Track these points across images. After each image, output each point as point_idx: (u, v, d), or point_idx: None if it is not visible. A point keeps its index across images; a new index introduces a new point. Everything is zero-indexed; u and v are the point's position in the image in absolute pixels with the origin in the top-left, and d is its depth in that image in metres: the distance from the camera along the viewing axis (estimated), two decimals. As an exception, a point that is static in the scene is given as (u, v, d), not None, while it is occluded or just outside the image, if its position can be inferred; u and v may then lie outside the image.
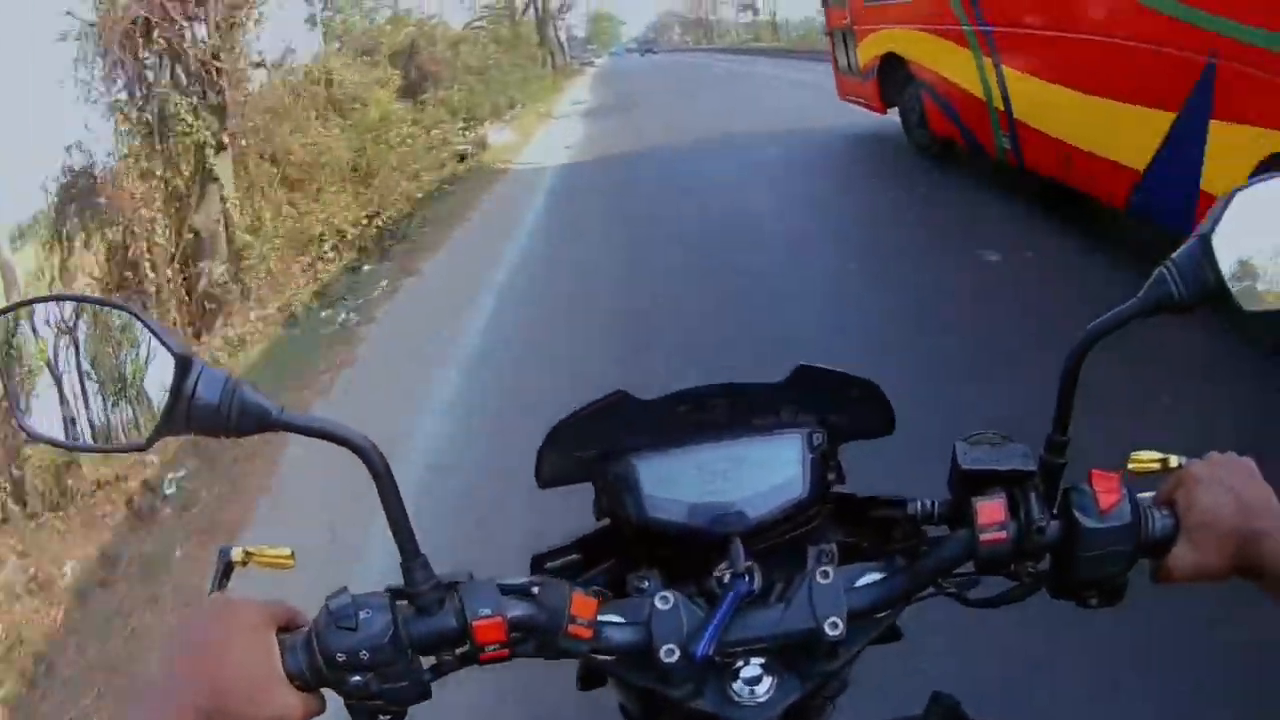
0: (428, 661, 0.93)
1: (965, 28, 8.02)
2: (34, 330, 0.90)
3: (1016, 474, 0.97)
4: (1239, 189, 0.95)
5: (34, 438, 0.90)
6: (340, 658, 0.87)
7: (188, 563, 4.63)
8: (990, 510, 0.95)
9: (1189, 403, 4.14)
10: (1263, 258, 0.94)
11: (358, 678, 0.88)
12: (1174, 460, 1.00)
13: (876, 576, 1.00)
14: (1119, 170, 5.86)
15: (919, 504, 1.06)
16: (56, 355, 0.89)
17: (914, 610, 1.04)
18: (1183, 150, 5.08)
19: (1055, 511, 0.97)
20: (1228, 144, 4.69)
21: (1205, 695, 2.68)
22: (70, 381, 0.89)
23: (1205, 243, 0.92)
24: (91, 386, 0.89)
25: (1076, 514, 0.94)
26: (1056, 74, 6.60)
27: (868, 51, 10.74)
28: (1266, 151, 4.25)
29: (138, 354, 0.88)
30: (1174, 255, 0.94)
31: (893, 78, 10.14)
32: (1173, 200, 5.23)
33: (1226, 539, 0.92)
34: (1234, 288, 0.93)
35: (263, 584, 0.90)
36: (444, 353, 6.99)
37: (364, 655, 0.87)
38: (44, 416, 0.90)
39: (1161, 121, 5.26)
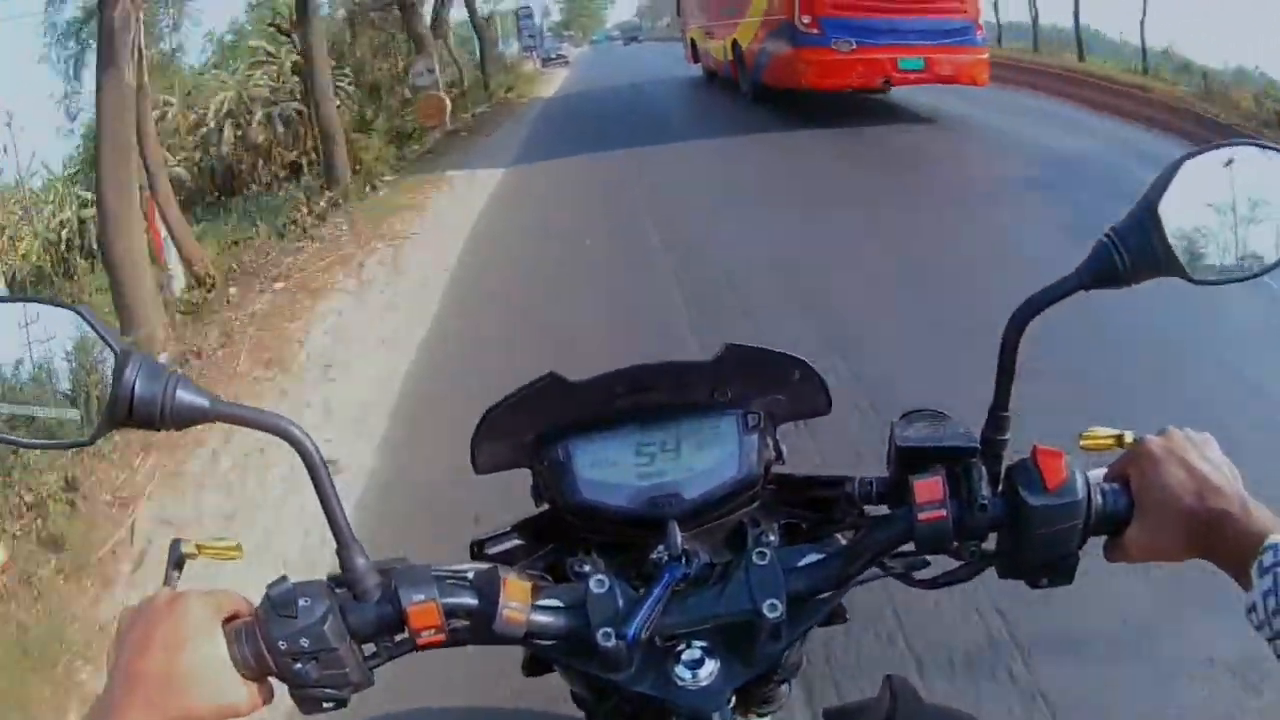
0: (369, 648, 0.94)
1: (703, 25, 18.61)
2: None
3: (956, 450, 0.97)
4: (1185, 157, 0.92)
5: None
6: (282, 645, 0.87)
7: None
8: (928, 488, 0.94)
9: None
10: (1210, 226, 0.93)
11: (300, 665, 0.88)
12: (1128, 436, 0.99)
13: (817, 557, 1.00)
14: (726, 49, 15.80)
15: (857, 483, 1.06)
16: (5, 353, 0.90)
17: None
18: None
19: (999, 489, 0.96)
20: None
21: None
22: (14, 377, 0.90)
23: (1151, 212, 0.91)
24: (36, 382, 0.91)
25: (1021, 491, 0.92)
26: (719, 30, 16.64)
27: (689, 38, 20.49)
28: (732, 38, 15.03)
29: (78, 352, 0.89)
30: (1117, 225, 0.92)
31: (695, 49, 19.81)
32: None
33: (1184, 519, 0.90)
34: (1181, 258, 0.91)
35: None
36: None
37: (304, 643, 0.88)
38: None
39: (728, 43, 15.67)
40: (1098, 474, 0.96)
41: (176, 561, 0.98)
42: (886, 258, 6.85)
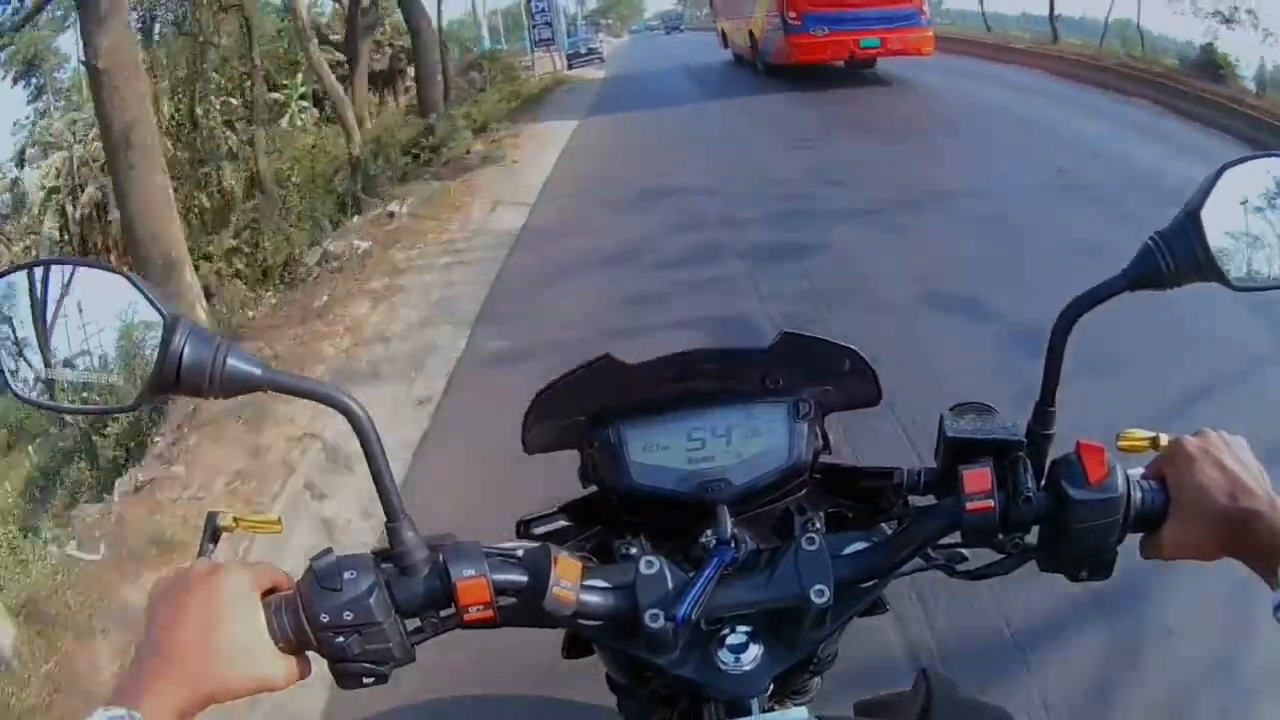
0: (412, 624, 0.93)
1: (730, 19, 21.80)
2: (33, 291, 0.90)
3: (1003, 444, 0.97)
4: (1227, 165, 0.94)
5: (22, 400, 0.89)
6: (324, 619, 0.87)
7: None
8: (976, 479, 0.94)
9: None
10: (1251, 233, 0.94)
11: (341, 639, 0.88)
12: (1163, 438, 0.99)
13: (863, 545, 0.99)
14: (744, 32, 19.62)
15: (905, 473, 1.06)
16: (45, 315, 0.89)
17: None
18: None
19: (1043, 483, 0.96)
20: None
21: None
22: (60, 343, 0.88)
23: (1194, 218, 0.91)
24: (81, 348, 0.89)
25: (1064, 485, 0.93)
26: (738, 19, 20.37)
27: (719, 26, 23.97)
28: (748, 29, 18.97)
29: (127, 316, 0.88)
30: (1163, 229, 0.93)
31: (725, 38, 23.03)
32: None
33: (1218, 518, 0.91)
34: (1223, 263, 0.92)
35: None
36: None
37: (348, 616, 0.87)
38: (36, 377, 0.90)
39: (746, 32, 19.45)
40: (1136, 472, 0.96)
41: (212, 534, 0.98)
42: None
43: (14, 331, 0.89)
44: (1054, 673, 2.65)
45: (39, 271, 0.90)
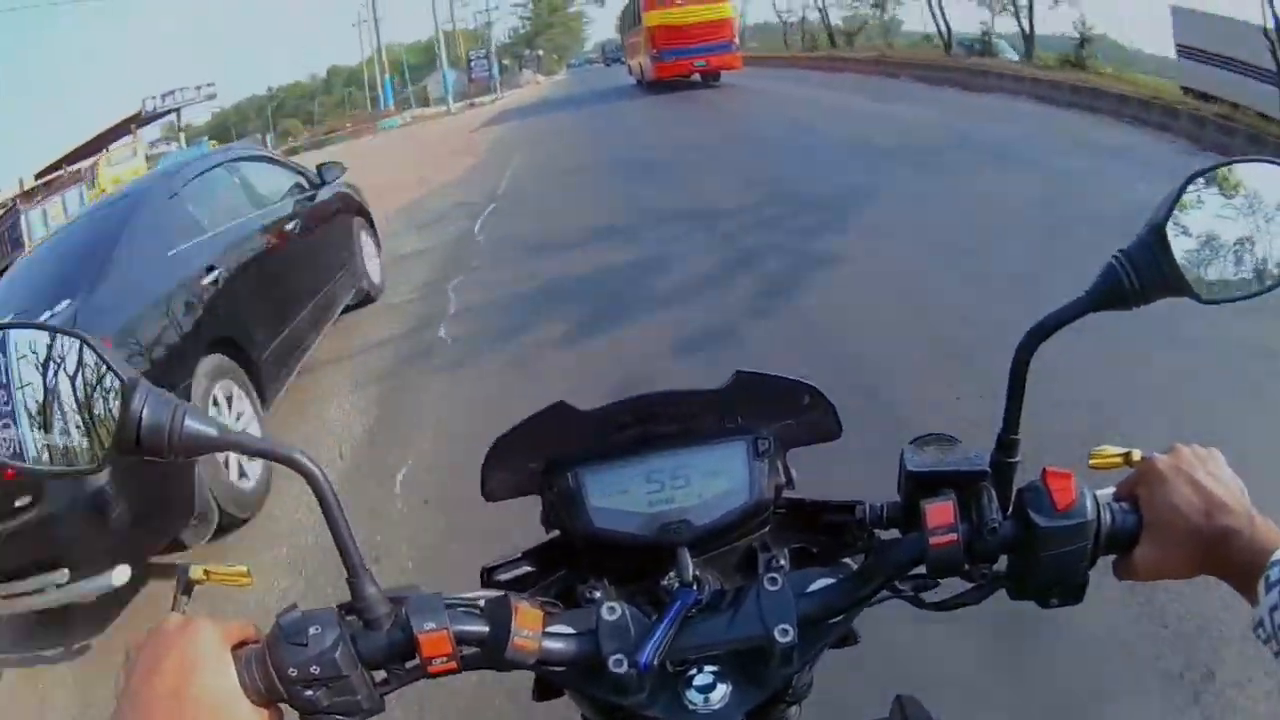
0: (380, 675, 0.94)
1: (631, 54, 34.32)
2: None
3: (966, 475, 0.97)
4: (1192, 176, 0.93)
5: None
6: (293, 673, 0.88)
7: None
8: (939, 512, 0.93)
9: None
10: (1217, 245, 0.93)
11: (310, 693, 0.89)
12: (1136, 454, 0.99)
13: (828, 581, 0.99)
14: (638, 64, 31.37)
15: (868, 508, 1.06)
16: (8, 379, 0.89)
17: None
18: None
19: (1010, 512, 0.96)
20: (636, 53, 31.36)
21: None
22: (25, 404, 0.89)
23: (1158, 233, 0.91)
24: (45, 410, 0.89)
25: (1031, 513, 0.92)
26: (635, 57, 31.96)
27: (627, 62, 36.39)
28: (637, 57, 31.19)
29: (85, 379, 0.88)
30: (1126, 247, 0.92)
31: (629, 67, 34.97)
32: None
33: (1193, 537, 0.90)
34: (1190, 277, 0.91)
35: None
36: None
37: (315, 670, 0.88)
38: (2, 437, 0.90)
39: (636, 62, 31.94)
40: (1107, 493, 0.97)
41: (185, 587, 0.98)
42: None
43: None
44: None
45: (7, 334, 0.90)
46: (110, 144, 39.07)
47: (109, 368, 0.86)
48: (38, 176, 31.95)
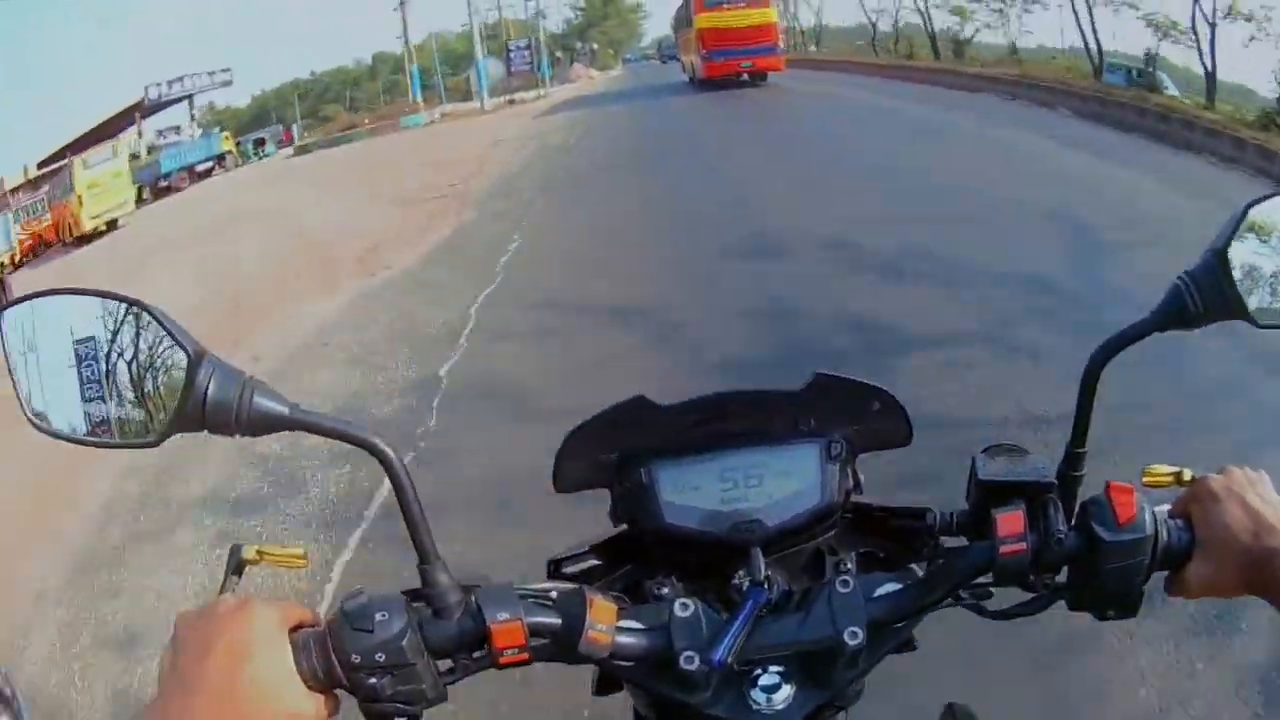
0: (444, 664, 0.92)
1: (684, 53, 35.64)
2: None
3: (1035, 486, 0.97)
4: (1251, 203, 0.94)
5: (43, 432, 0.88)
6: (355, 659, 0.86)
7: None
8: (1010, 522, 0.94)
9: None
10: (1273, 272, 0.94)
11: (373, 680, 0.87)
12: (1187, 473, 1.01)
13: (895, 586, 0.99)
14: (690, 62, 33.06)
15: (938, 515, 1.06)
16: (67, 348, 0.87)
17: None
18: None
19: (1073, 523, 0.96)
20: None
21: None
22: (81, 376, 0.86)
23: (1220, 256, 0.92)
24: (103, 382, 0.87)
25: (1095, 526, 0.93)
26: (687, 55, 33.63)
27: (681, 60, 36.60)
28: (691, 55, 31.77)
29: (150, 350, 0.86)
30: (1190, 269, 0.93)
31: (683, 65, 35.67)
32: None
33: (1242, 556, 0.91)
34: (1249, 302, 0.92)
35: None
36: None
37: (380, 657, 0.87)
38: (57, 411, 0.88)
39: (688, 60, 33.87)
40: (1162, 510, 0.97)
41: (236, 567, 0.97)
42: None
43: (35, 361, 0.88)
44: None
45: (64, 300, 0.88)
46: (116, 133, 37.28)
47: (174, 339, 0.84)
48: (40, 166, 30.79)
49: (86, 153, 29.89)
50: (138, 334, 0.86)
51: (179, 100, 42.17)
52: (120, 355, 0.87)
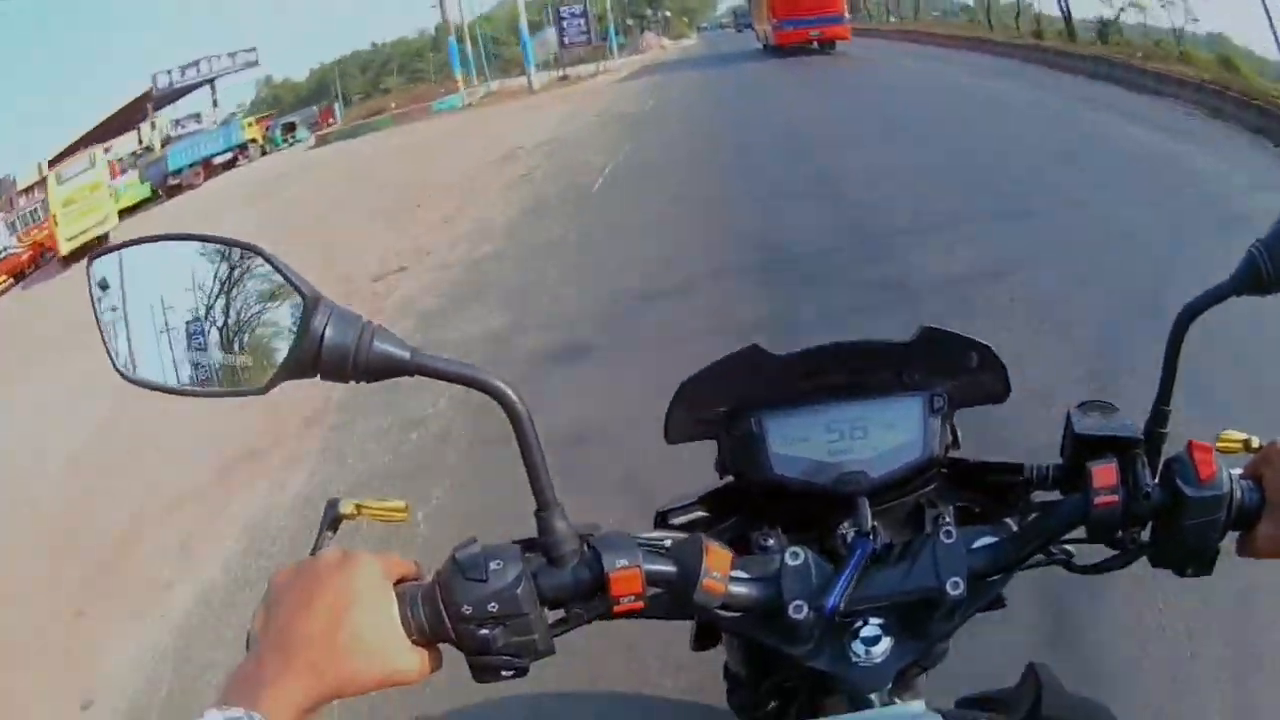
0: (553, 616, 0.92)
1: (757, 22, 39.62)
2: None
3: (1126, 441, 0.98)
4: None
5: (137, 384, 0.87)
6: (467, 610, 0.85)
7: None
8: (1104, 474, 0.95)
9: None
10: None
11: (485, 631, 0.86)
12: (1255, 440, 1.02)
13: (992, 539, 1.00)
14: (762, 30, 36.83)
15: (1034, 469, 1.08)
16: (167, 294, 0.86)
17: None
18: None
19: (1158, 480, 0.97)
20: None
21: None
22: (180, 324, 0.85)
23: None
24: (203, 329, 0.86)
25: (1179, 482, 0.95)
26: (760, 24, 37.62)
27: (755, 28, 40.80)
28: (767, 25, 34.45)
29: (258, 294, 0.85)
30: (1263, 237, 0.94)
31: (756, 33, 40.65)
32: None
33: None
34: None
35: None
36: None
37: (493, 607, 0.86)
38: (150, 360, 0.87)
39: (761, 29, 37.70)
40: (1236, 472, 0.98)
41: (331, 522, 0.95)
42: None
43: (125, 311, 0.87)
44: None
45: (159, 248, 0.87)
46: (133, 124, 34.14)
47: (290, 283, 0.82)
48: (52, 164, 28.79)
49: (63, 164, 27.76)
50: (244, 280, 0.85)
51: (198, 85, 38.39)
52: (225, 300, 0.85)
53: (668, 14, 72.98)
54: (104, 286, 0.87)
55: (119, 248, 0.87)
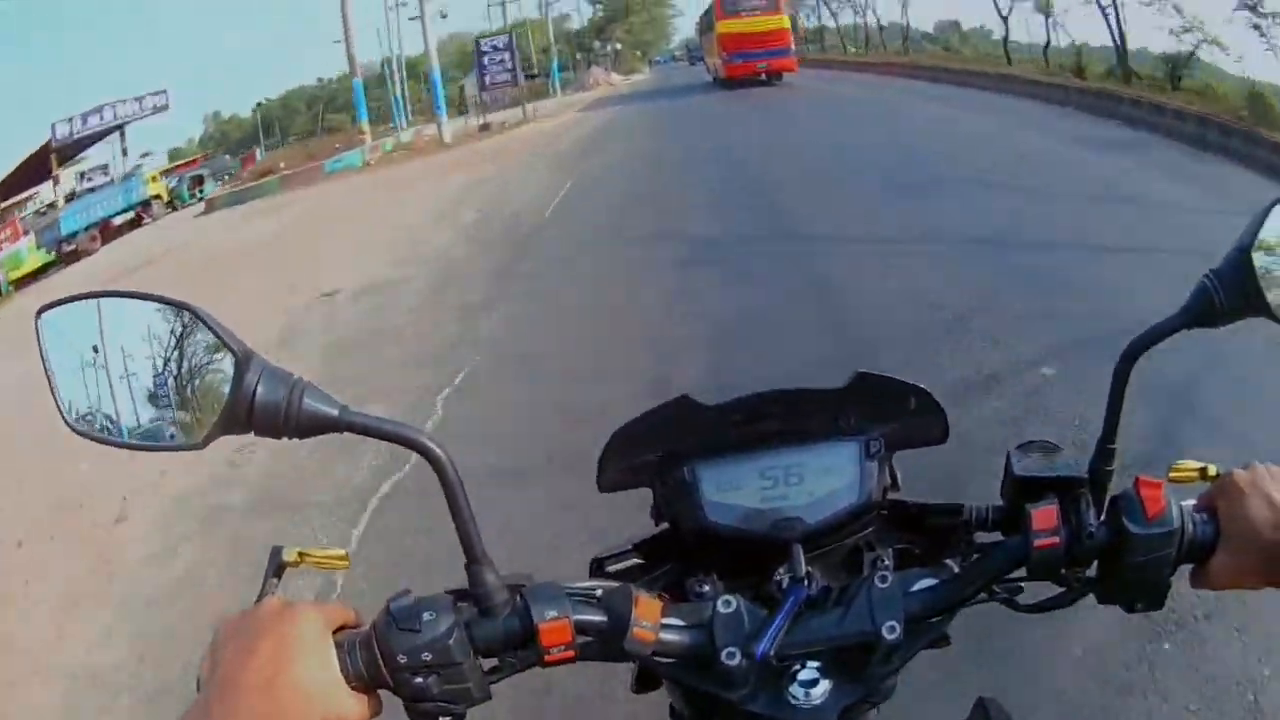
0: (489, 663, 0.93)
1: (707, 55, 43.26)
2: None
3: (1068, 481, 0.98)
4: (1275, 201, 0.94)
5: (82, 436, 0.88)
6: (402, 659, 0.87)
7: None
8: (1044, 516, 0.95)
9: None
10: None
11: (419, 680, 0.88)
12: (1212, 469, 1.01)
13: (931, 581, 1.00)
14: (712, 64, 39.84)
15: (973, 510, 1.07)
16: (108, 350, 0.87)
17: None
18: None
19: (1104, 518, 0.97)
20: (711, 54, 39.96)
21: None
22: (121, 379, 0.87)
23: (1244, 254, 0.92)
24: (143, 384, 0.87)
25: (1125, 520, 0.94)
26: (710, 58, 40.41)
27: (705, 62, 43.95)
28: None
29: (194, 352, 0.86)
30: (1215, 267, 0.94)
31: (706, 65, 43.86)
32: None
33: (1266, 549, 0.92)
34: (1272, 300, 0.92)
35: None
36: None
37: (427, 656, 0.87)
38: (95, 414, 0.88)
39: (711, 62, 40.89)
40: (1188, 505, 0.98)
41: (276, 569, 0.97)
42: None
43: (74, 363, 0.88)
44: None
45: (104, 302, 0.88)
46: (39, 179, 29.64)
47: (222, 341, 0.84)
48: None
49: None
50: (182, 336, 0.86)
51: (107, 133, 33.19)
52: (163, 357, 0.86)
53: (618, 46, 66.77)
54: (58, 338, 0.88)
55: (66, 301, 0.88)
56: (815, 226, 10.15)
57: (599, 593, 0.95)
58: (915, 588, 0.99)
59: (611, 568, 1.10)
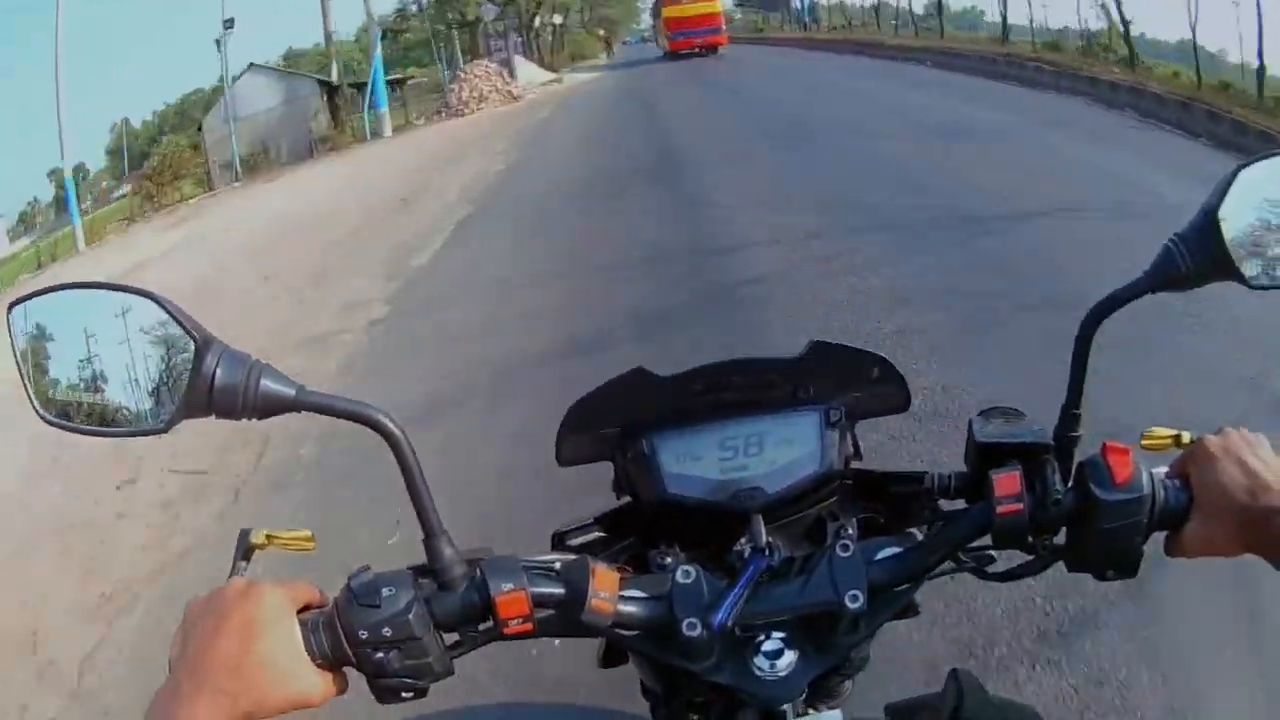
0: (450, 638, 0.94)
1: (660, 34, 47.48)
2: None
3: (1032, 447, 0.98)
4: (1242, 165, 0.94)
5: (47, 422, 0.89)
6: (363, 635, 0.87)
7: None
8: (1006, 482, 0.95)
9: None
10: (1268, 232, 0.94)
11: (381, 655, 0.88)
12: (1186, 436, 1.01)
13: (895, 550, 1.00)
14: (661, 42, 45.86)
15: (935, 478, 1.07)
16: (74, 340, 0.88)
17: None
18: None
19: (1070, 484, 0.97)
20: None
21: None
22: (89, 367, 0.88)
23: (1211, 218, 0.92)
24: (111, 372, 0.88)
25: (1092, 486, 0.94)
26: (659, 37, 47.43)
27: (657, 40, 49.94)
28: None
29: (158, 339, 0.87)
30: (1181, 231, 0.94)
31: (658, 44, 48.90)
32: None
33: (1239, 516, 0.92)
34: (1240, 263, 0.92)
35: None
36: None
37: (387, 632, 0.88)
38: (65, 403, 0.89)
39: (661, 40, 46.13)
40: (1160, 471, 0.98)
41: (244, 552, 0.98)
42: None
43: (42, 354, 0.89)
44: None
45: (70, 294, 0.89)
46: None
47: (182, 327, 0.85)
48: None
49: None
50: (148, 324, 0.87)
51: None
52: (128, 345, 0.87)
53: (555, 22, 48.85)
54: (27, 331, 0.89)
55: (35, 295, 0.89)
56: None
57: (557, 565, 0.95)
58: (879, 556, 0.99)
59: (573, 541, 1.10)
